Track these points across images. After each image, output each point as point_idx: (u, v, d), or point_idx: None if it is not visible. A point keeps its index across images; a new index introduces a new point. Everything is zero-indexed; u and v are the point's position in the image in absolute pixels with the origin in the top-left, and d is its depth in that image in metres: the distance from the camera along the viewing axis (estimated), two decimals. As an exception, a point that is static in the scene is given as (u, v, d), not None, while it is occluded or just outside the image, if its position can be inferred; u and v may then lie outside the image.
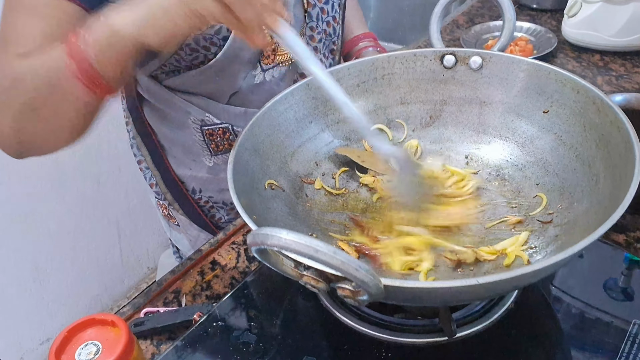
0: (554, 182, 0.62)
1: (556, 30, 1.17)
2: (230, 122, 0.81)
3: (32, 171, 1.48)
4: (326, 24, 0.82)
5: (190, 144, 0.83)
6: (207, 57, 0.73)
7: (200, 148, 0.83)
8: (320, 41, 0.82)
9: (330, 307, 0.60)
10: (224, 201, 0.89)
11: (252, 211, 0.54)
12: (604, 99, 0.57)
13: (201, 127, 0.81)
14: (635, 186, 0.47)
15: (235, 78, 0.77)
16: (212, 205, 0.90)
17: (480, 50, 0.70)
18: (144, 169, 0.91)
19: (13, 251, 1.50)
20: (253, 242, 0.40)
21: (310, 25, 0.79)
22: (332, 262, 0.38)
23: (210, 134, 0.81)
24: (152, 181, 0.90)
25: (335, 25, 0.84)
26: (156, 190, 0.91)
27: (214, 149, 0.83)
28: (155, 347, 0.61)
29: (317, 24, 0.80)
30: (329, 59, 0.85)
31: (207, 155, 0.84)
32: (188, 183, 0.88)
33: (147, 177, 0.91)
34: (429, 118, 0.73)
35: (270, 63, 0.78)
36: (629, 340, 0.55)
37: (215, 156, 0.84)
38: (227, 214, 0.91)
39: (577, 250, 0.43)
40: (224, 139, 0.82)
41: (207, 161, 0.85)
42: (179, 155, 0.86)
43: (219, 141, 0.82)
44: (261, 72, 0.78)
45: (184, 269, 0.70)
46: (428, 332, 0.56)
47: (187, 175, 0.87)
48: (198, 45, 0.72)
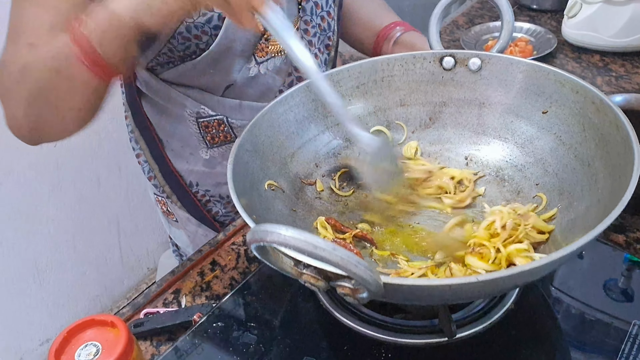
0: (554, 182, 0.62)
1: (556, 31, 1.17)
2: (226, 115, 0.82)
3: (32, 171, 1.48)
4: (320, 18, 0.82)
5: (188, 136, 0.84)
6: (198, 46, 0.75)
7: (197, 141, 0.84)
8: (315, 35, 0.83)
9: (330, 307, 0.60)
10: (220, 195, 0.90)
11: (252, 211, 0.54)
12: (603, 99, 0.58)
13: (197, 120, 0.82)
14: (634, 185, 0.47)
15: (229, 70, 0.78)
16: (208, 199, 0.91)
17: (479, 52, 0.70)
18: (142, 162, 0.92)
19: (13, 251, 1.50)
20: (252, 239, 0.40)
21: (304, 19, 0.80)
22: (331, 258, 0.38)
23: (205, 126, 0.82)
24: (151, 174, 0.91)
25: (330, 21, 0.85)
26: (154, 184, 0.92)
27: (210, 141, 0.84)
28: (155, 348, 0.61)
29: (311, 17, 0.81)
30: (324, 53, 0.86)
31: (203, 148, 0.85)
32: (186, 177, 0.89)
33: (146, 170, 0.92)
34: (429, 120, 0.73)
35: (264, 56, 0.78)
36: (629, 341, 0.55)
37: (212, 149, 0.85)
38: (224, 207, 0.91)
39: (577, 248, 0.43)
40: (219, 130, 0.83)
41: (203, 154, 0.85)
42: (177, 149, 0.87)
43: (215, 133, 0.83)
44: (256, 64, 0.79)
45: (183, 270, 0.70)
46: (428, 332, 0.56)
47: (185, 169, 0.88)
48: (190, 33, 0.73)
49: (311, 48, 0.82)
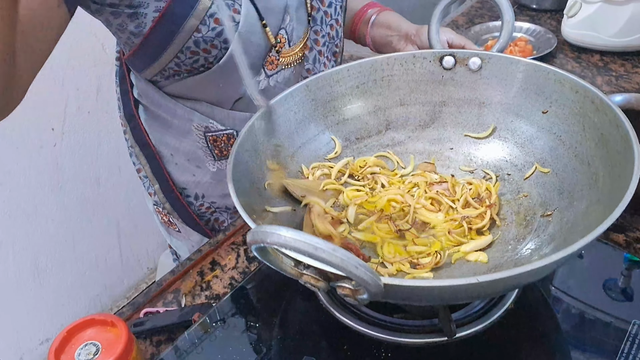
0: (554, 182, 0.62)
1: (556, 31, 1.17)
2: (235, 128, 0.80)
3: (32, 171, 1.48)
4: (329, 27, 0.82)
5: (194, 150, 0.83)
6: (207, 60, 0.72)
7: (204, 154, 0.83)
8: (325, 44, 0.82)
9: (330, 307, 0.60)
10: (226, 206, 0.89)
11: (252, 211, 0.54)
12: (603, 99, 0.58)
13: (205, 134, 0.80)
14: (635, 185, 0.47)
15: (239, 83, 0.77)
16: (214, 210, 0.90)
17: (479, 52, 0.70)
18: (142, 178, 0.90)
19: (13, 251, 1.50)
20: (253, 240, 0.40)
21: (314, 29, 0.79)
22: (331, 259, 0.38)
23: (214, 140, 0.81)
24: (151, 190, 0.90)
25: (338, 28, 0.84)
26: (155, 200, 0.91)
27: (218, 154, 0.82)
28: (155, 347, 0.61)
29: (321, 27, 0.80)
30: (332, 61, 0.85)
31: (210, 161, 0.84)
32: (191, 189, 0.87)
33: (146, 185, 0.90)
34: (429, 119, 0.73)
35: (274, 69, 0.78)
36: (629, 340, 0.55)
37: (219, 161, 0.84)
38: (231, 217, 0.91)
39: (577, 249, 0.43)
40: (229, 144, 0.81)
41: (210, 167, 0.84)
42: (182, 162, 0.85)
43: (223, 147, 0.82)
44: (265, 77, 0.78)
45: (183, 269, 0.70)
46: (428, 332, 0.56)
47: (191, 182, 0.87)
48: (198, 47, 0.71)
49: (320, 57, 0.82)
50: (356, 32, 0.95)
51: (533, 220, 0.61)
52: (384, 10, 0.94)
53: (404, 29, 0.89)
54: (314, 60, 0.80)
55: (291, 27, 0.76)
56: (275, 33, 0.75)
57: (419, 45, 0.87)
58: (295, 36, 0.77)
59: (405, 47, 0.88)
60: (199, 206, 0.89)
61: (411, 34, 0.87)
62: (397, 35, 0.89)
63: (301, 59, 0.79)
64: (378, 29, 0.92)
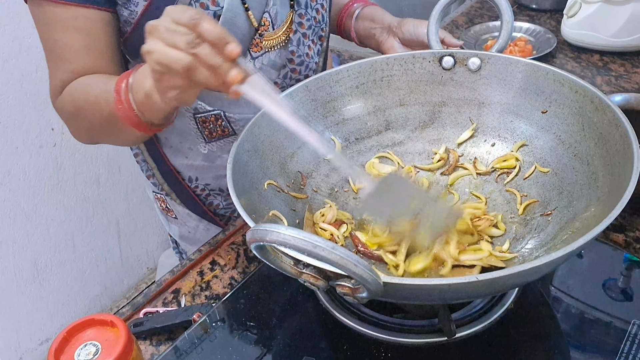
0: (553, 181, 0.63)
1: (555, 31, 1.17)
2: (223, 109, 0.82)
3: (32, 171, 1.48)
4: (315, 11, 0.83)
5: (186, 132, 0.84)
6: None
7: (195, 136, 0.84)
8: (310, 28, 0.83)
9: (330, 307, 0.60)
10: (220, 188, 0.91)
11: (252, 211, 0.54)
12: (602, 98, 0.58)
13: (194, 115, 0.82)
14: (634, 184, 0.47)
15: None
16: (208, 193, 0.91)
17: (478, 52, 0.70)
18: (140, 162, 0.92)
19: (13, 251, 1.50)
20: (252, 239, 0.40)
21: (299, 12, 0.81)
22: (330, 257, 0.38)
23: (203, 121, 0.82)
24: (149, 173, 0.91)
25: (324, 12, 0.86)
26: (153, 182, 0.92)
27: (208, 135, 0.84)
28: (155, 347, 0.61)
29: (305, 11, 0.82)
30: (317, 44, 0.87)
31: (201, 143, 0.85)
32: (184, 172, 0.89)
33: (144, 169, 0.92)
34: (428, 119, 0.73)
35: (259, 51, 0.79)
36: (628, 340, 0.55)
37: (210, 143, 0.85)
38: (225, 200, 0.92)
39: (576, 248, 0.43)
40: (217, 125, 0.83)
41: (202, 149, 0.86)
42: (176, 144, 0.87)
43: (212, 128, 0.83)
44: (251, 60, 0.79)
45: (183, 269, 0.70)
46: (427, 332, 0.56)
47: (184, 165, 0.88)
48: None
49: (305, 40, 0.83)
50: (342, 26, 0.97)
51: (533, 219, 0.61)
52: (369, 5, 0.96)
53: (386, 22, 0.90)
54: (297, 43, 0.82)
55: (275, 10, 0.77)
56: (259, 16, 0.76)
57: (400, 37, 0.88)
58: (279, 19, 0.78)
59: (387, 39, 0.90)
60: (194, 188, 0.90)
61: (393, 26, 0.89)
62: (379, 28, 0.91)
63: (285, 42, 0.81)
64: (362, 21, 0.94)
